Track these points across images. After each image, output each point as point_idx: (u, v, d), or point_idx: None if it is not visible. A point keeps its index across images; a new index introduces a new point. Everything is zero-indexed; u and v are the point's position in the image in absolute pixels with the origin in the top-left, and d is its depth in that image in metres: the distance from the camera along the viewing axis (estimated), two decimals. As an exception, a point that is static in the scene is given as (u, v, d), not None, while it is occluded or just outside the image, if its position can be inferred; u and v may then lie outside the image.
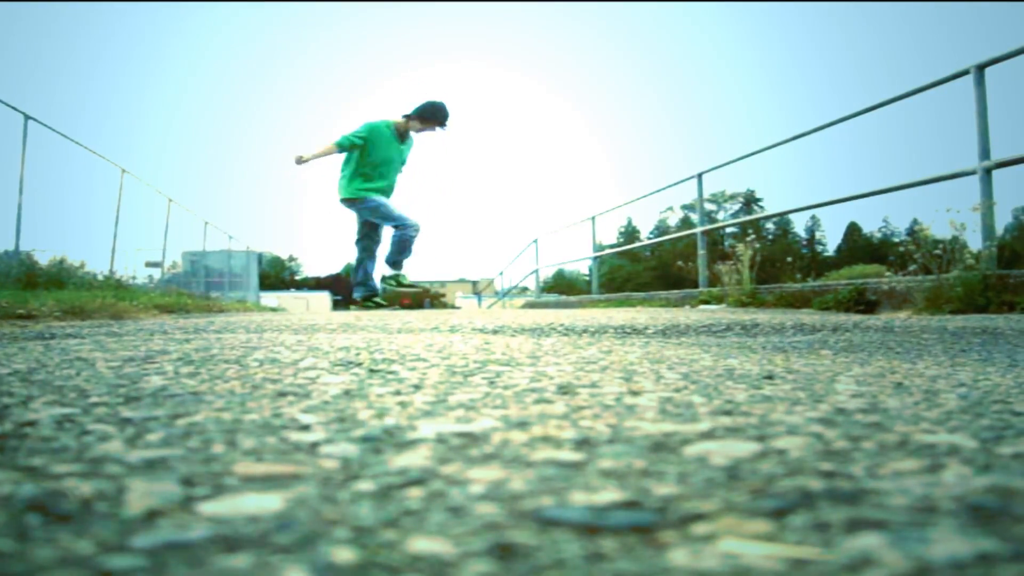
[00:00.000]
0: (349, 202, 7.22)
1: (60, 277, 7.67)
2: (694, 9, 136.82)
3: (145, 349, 1.67)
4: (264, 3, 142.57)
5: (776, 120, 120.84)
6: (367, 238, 7.45)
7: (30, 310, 4.07)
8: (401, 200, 7.62)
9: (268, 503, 0.47)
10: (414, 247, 7.40)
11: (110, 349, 1.69)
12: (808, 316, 3.99)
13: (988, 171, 4.58)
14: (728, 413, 0.78)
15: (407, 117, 7.19)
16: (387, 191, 7.27)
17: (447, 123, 7.21)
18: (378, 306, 7.44)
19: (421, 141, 7.63)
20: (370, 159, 7.14)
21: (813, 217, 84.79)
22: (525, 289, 18.82)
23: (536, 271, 14.77)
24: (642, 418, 0.75)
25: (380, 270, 7.55)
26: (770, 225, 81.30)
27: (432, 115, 7.16)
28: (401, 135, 7.26)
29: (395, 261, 7.42)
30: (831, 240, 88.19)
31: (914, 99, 5.39)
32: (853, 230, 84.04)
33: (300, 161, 7.03)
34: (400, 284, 7.55)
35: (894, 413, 0.79)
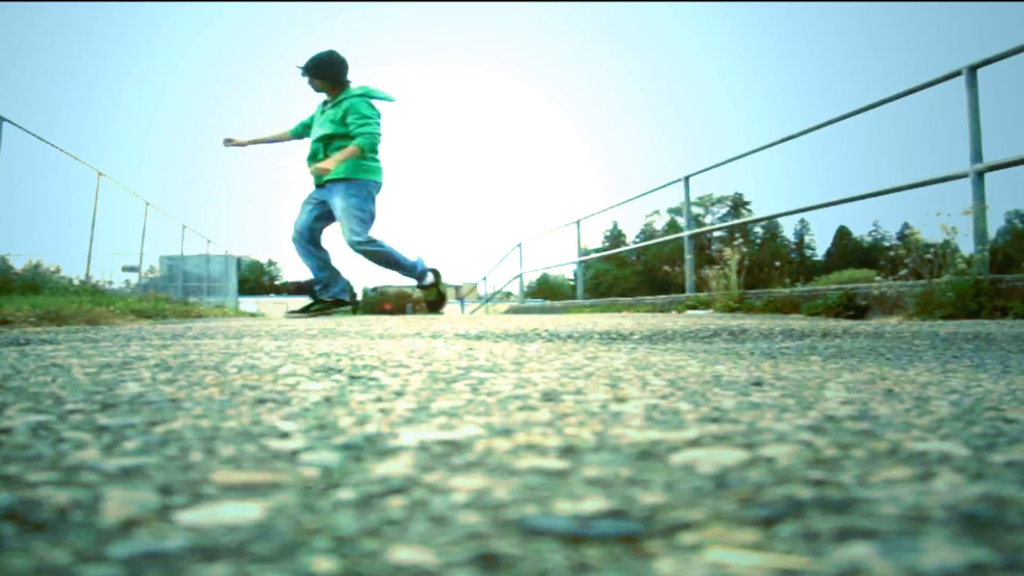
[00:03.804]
0: (378, 185, 6.60)
1: (35, 281, 7.61)
2: (681, 9, 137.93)
3: (122, 355, 1.65)
4: (246, 3, 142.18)
5: (765, 122, 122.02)
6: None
7: (4, 315, 4.02)
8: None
9: (247, 512, 0.46)
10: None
11: (86, 355, 1.67)
12: (797, 322, 4.00)
13: (980, 174, 4.60)
14: (716, 420, 0.78)
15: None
16: (315, 177, 6.57)
17: (303, 71, 6.53)
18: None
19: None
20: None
21: (802, 221, 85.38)
22: (509, 294, 18.86)
23: (520, 276, 14.79)
24: (628, 425, 0.75)
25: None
26: (758, 229, 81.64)
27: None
28: (326, 103, 6.62)
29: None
30: (820, 244, 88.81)
31: (905, 101, 5.41)
32: (843, 234, 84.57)
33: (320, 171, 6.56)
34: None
35: (884, 420, 0.79)
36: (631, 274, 72.59)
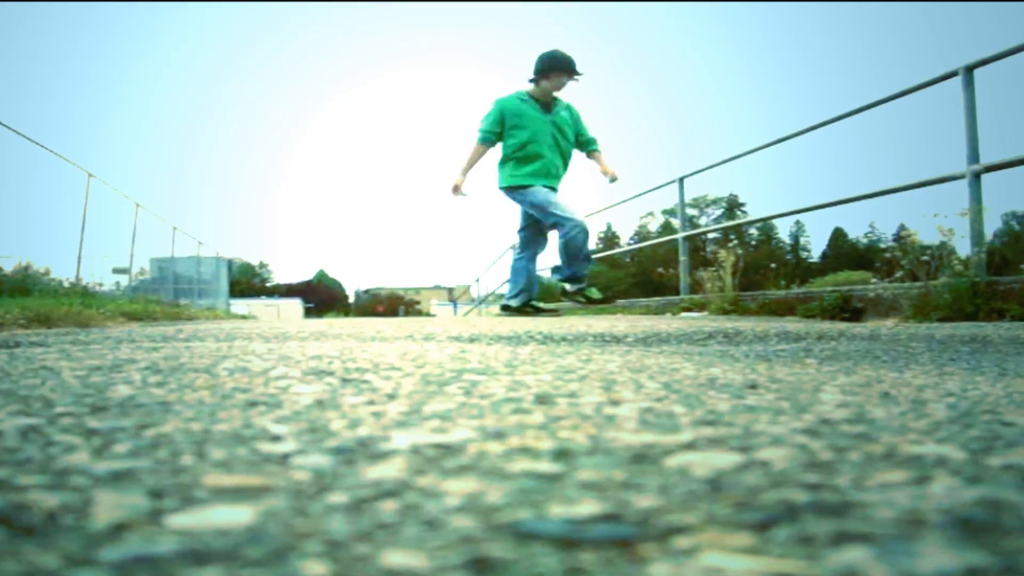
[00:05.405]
0: (507, 191, 6.54)
1: (25, 284, 7.58)
2: (675, 9, 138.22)
3: (112, 358, 1.64)
4: (237, 4, 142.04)
5: (760, 123, 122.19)
6: (527, 237, 6.73)
7: (-5, 317, 4.00)
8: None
9: (238, 516, 0.46)
10: (587, 250, 6.44)
11: (76, 358, 1.66)
12: (792, 324, 4.00)
13: (977, 175, 4.59)
14: (710, 423, 0.78)
15: (532, 81, 6.38)
16: (546, 173, 6.41)
17: (572, 67, 6.32)
18: (537, 312, 6.70)
19: (570, 100, 6.58)
20: (514, 140, 6.34)
21: (797, 222, 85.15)
22: (503, 296, 18.85)
23: (513, 278, 14.72)
24: (622, 428, 0.74)
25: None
26: (753, 231, 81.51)
27: (549, 66, 6.28)
28: (543, 104, 6.39)
29: (571, 275, 6.50)
30: (816, 246, 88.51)
31: (902, 101, 5.40)
32: (838, 235, 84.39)
33: (458, 191, 6.52)
34: (590, 300, 6.64)
35: (880, 423, 0.79)
36: (625, 276, 72.41)
